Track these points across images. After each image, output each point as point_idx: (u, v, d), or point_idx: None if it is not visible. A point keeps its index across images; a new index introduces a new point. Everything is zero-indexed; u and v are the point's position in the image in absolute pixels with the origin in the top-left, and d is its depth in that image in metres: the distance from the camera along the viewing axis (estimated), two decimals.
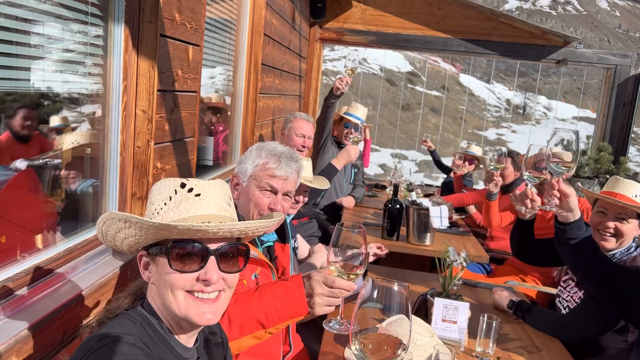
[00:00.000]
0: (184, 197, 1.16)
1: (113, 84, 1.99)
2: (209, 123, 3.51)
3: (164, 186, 1.19)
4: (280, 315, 1.50)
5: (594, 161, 6.17)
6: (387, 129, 25.64)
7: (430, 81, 34.59)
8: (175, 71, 2.26)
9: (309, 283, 1.49)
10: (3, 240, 1.56)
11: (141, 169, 2.10)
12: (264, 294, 1.53)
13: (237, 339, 1.51)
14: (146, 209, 1.23)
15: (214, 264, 1.15)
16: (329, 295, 1.47)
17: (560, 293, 2.63)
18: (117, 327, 1.10)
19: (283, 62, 4.84)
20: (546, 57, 6.37)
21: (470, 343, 2.11)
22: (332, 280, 1.45)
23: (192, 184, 1.18)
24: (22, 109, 1.67)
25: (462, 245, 3.65)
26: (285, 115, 5.12)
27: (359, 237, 1.44)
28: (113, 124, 2.01)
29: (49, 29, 1.65)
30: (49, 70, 1.70)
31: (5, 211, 1.59)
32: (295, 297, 1.48)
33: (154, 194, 1.20)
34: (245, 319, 1.50)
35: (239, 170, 2.04)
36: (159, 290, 1.16)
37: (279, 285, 1.54)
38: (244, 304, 1.51)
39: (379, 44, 6.54)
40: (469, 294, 2.68)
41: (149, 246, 1.17)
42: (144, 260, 1.20)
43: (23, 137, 1.69)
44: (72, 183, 1.89)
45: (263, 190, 1.96)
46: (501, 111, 36.60)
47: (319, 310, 1.48)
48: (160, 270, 1.15)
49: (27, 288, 1.52)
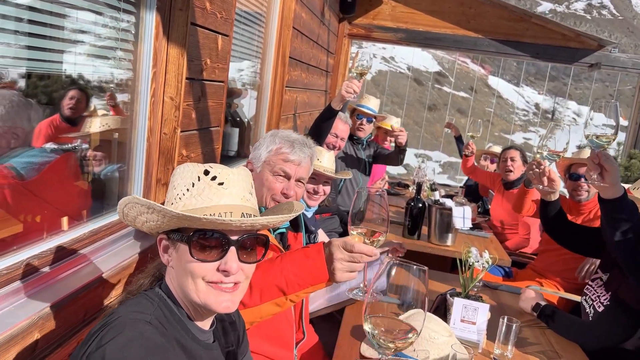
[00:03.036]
0: (207, 185, 1.16)
1: (143, 71, 2.01)
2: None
3: (186, 171, 1.19)
4: (300, 281, 1.48)
5: (624, 168, 6.03)
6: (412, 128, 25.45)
7: (458, 82, 34.22)
8: (204, 60, 2.27)
9: (329, 249, 1.47)
10: (38, 219, 1.59)
11: (167, 156, 2.12)
12: (285, 260, 1.52)
13: (258, 305, 1.50)
14: (167, 193, 1.23)
15: (234, 254, 1.15)
16: (350, 260, 1.44)
17: (587, 292, 2.57)
18: (134, 306, 1.11)
19: (310, 57, 4.83)
20: (579, 60, 6.24)
21: (488, 345, 2.08)
22: (352, 245, 1.43)
23: (216, 172, 1.18)
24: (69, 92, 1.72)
25: (484, 247, 3.60)
26: (311, 110, 5.13)
27: (381, 202, 1.43)
28: (141, 110, 2.04)
29: (82, 14, 1.67)
30: (81, 55, 1.73)
31: (44, 192, 1.63)
32: (316, 263, 1.47)
33: (176, 179, 1.20)
34: (265, 285, 1.49)
35: (253, 157, 2.05)
36: (178, 275, 1.17)
37: (299, 252, 1.53)
38: (264, 271, 1.50)
39: (407, 42, 6.49)
40: (488, 296, 2.65)
41: (170, 231, 1.18)
42: (164, 244, 1.21)
43: (69, 119, 1.74)
44: (100, 166, 1.92)
45: (276, 175, 1.97)
46: (529, 115, 36.03)
47: (339, 276, 1.45)
48: (181, 257, 1.16)
49: (50, 267, 1.55)
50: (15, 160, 1.49)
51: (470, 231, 4.03)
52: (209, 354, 1.21)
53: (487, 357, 2.01)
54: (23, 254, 1.45)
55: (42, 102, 1.63)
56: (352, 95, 3.08)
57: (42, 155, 1.63)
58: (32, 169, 1.57)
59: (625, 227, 2.02)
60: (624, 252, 2.11)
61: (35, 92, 1.59)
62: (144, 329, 1.05)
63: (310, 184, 2.74)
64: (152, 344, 1.02)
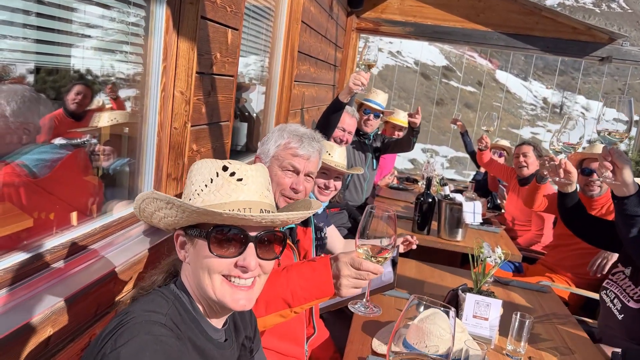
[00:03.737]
0: (226, 181, 1.15)
1: (153, 65, 2.00)
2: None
3: (204, 167, 1.18)
4: (306, 295, 1.50)
5: (635, 163, 5.97)
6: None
7: (466, 76, 34.03)
8: (214, 54, 2.26)
9: (336, 265, 1.48)
10: (52, 217, 1.59)
11: (177, 150, 2.11)
12: (291, 273, 1.53)
13: (263, 317, 1.51)
14: (185, 189, 1.22)
15: (253, 250, 1.14)
16: (356, 277, 1.46)
17: (608, 286, 2.55)
18: (149, 304, 1.10)
19: (319, 51, 4.81)
20: (589, 54, 6.17)
21: (500, 341, 2.07)
22: (360, 263, 1.44)
23: (234, 168, 1.17)
24: (75, 87, 1.71)
25: (495, 243, 3.58)
26: (319, 104, 5.10)
27: (389, 221, 1.43)
28: (151, 104, 2.03)
29: (91, 7, 1.66)
30: (90, 49, 1.72)
31: (55, 188, 1.62)
32: (322, 277, 1.48)
33: (194, 174, 1.19)
34: (271, 297, 1.50)
35: (262, 152, 2.04)
36: (195, 271, 1.16)
37: (306, 265, 1.53)
38: (271, 282, 1.50)
39: (416, 36, 6.44)
40: (500, 292, 2.63)
41: (188, 227, 1.17)
42: (180, 240, 1.20)
43: (74, 114, 1.73)
44: (109, 161, 1.92)
45: (285, 170, 1.97)
46: (537, 109, 35.80)
47: (345, 291, 1.47)
48: (199, 253, 1.15)
49: (63, 262, 1.55)
50: (26, 157, 1.49)
51: (480, 226, 4.00)
52: (222, 353, 1.21)
53: (499, 353, 2.00)
54: (35, 250, 1.45)
55: (51, 97, 1.62)
56: (360, 88, 3.06)
57: (53, 152, 1.63)
58: (44, 166, 1.57)
59: None
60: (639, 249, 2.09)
61: (45, 87, 1.59)
62: (159, 332, 1.04)
63: (322, 179, 2.73)
64: (167, 348, 1.01)
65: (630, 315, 2.34)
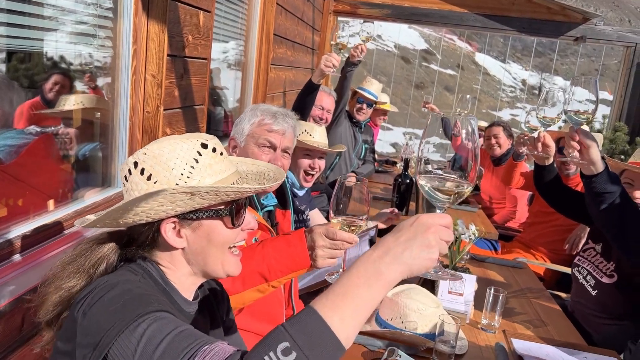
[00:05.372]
0: (212, 158, 1.12)
1: (123, 48, 1.98)
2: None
3: (179, 148, 1.09)
4: (282, 268, 1.50)
5: (609, 141, 6.07)
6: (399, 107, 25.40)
7: (445, 59, 34.11)
8: (185, 36, 2.23)
9: (310, 236, 1.49)
10: (20, 203, 1.57)
11: (150, 135, 2.09)
12: (267, 247, 1.53)
13: (240, 292, 1.51)
14: (157, 174, 1.06)
15: (247, 213, 1.20)
16: (331, 247, 1.47)
17: (580, 262, 2.61)
18: (117, 277, 1.06)
19: (296, 34, 4.78)
20: (564, 33, 6.22)
21: (476, 315, 2.11)
22: (334, 233, 1.45)
23: (213, 143, 1.13)
24: (53, 76, 1.69)
25: (471, 221, 3.63)
26: (297, 88, 5.08)
27: (361, 190, 1.44)
28: (122, 88, 2.01)
29: None
30: (58, 32, 1.69)
31: (22, 174, 1.60)
32: (297, 249, 1.49)
33: (170, 158, 1.08)
34: (247, 272, 1.49)
35: (236, 132, 2.02)
36: (205, 253, 1.13)
37: (281, 239, 1.54)
38: (246, 258, 1.48)
39: (393, 18, 6.43)
40: (476, 269, 2.68)
41: (186, 213, 1.09)
42: (175, 229, 1.11)
43: (51, 103, 1.71)
44: (78, 146, 1.89)
45: (262, 147, 1.96)
46: (516, 91, 36.09)
47: (321, 262, 1.48)
48: (211, 232, 1.12)
49: (35, 248, 1.53)
50: None
51: (458, 205, 4.05)
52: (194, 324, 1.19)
53: (474, 328, 2.04)
54: (4, 237, 1.44)
55: (22, 83, 1.60)
56: (332, 70, 3.09)
57: (19, 137, 1.61)
58: (10, 151, 1.54)
59: (610, 201, 2.03)
60: (610, 226, 2.12)
61: (17, 75, 1.56)
62: (136, 284, 1.03)
63: (306, 160, 2.74)
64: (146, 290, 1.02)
65: (605, 290, 2.40)
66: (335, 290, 0.87)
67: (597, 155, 1.95)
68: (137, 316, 0.92)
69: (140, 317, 0.92)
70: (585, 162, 1.96)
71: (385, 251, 0.90)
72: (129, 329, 0.90)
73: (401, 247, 0.90)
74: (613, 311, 2.37)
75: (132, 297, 0.97)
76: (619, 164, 2.49)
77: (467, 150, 1.09)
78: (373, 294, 0.87)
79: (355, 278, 0.88)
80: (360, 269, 0.88)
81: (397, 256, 0.89)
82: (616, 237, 2.12)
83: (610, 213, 2.05)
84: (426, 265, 0.90)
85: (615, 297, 2.35)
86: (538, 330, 2.09)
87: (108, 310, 0.94)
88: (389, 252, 0.89)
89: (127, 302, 0.95)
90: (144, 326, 0.91)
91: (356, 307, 0.86)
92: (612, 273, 2.39)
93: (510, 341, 1.92)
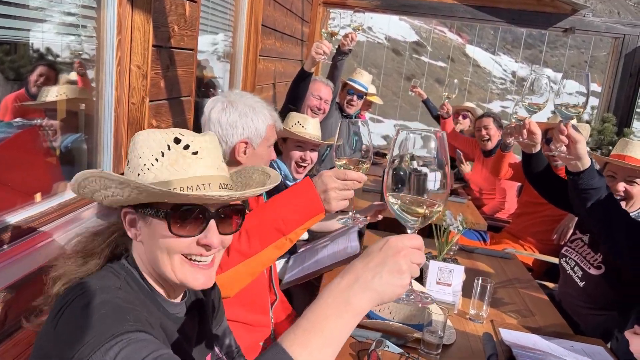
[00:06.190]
0: (180, 155, 1.08)
1: (107, 38, 1.95)
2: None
3: (152, 139, 1.09)
4: (297, 217, 1.52)
5: (597, 132, 6.11)
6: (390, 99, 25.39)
7: (435, 51, 34.11)
8: (171, 27, 2.21)
9: (320, 180, 1.52)
10: (1, 196, 1.55)
11: (136, 126, 2.07)
12: (277, 202, 1.55)
13: (259, 252, 1.51)
14: (130, 161, 1.11)
15: (214, 227, 1.10)
16: (343, 188, 1.51)
17: (567, 253, 2.62)
18: (100, 279, 1.05)
19: (285, 25, 4.75)
20: (554, 25, 6.24)
21: (464, 306, 2.12)
22: (344, 173, 1.50)
23: (188, 140, 1.10)
24: (38, 68, 1.66)
25: (461, 212, 3.64)
26: (286, 80, 5.05)
27: (363, 131, 1.48)
28: (107, 79, 1.98)
29: None
30: (40, 22, 1.66)
31: (4, 168, 1.58)
32: (309, 196, 1.51)
33: (140, 146, 1.10)
34: (263, 230, 1.51)
35: (248, 134, 1.89)
36: (151, 251, 1.10)
37: (289, 191, 1.57)
38: (259, 216, 1.52)
39: (383, 9, 6.41)
40: (465, 260, 2.68)
41: (138, 205, 1.09)
42: (129, 217, 1.12)
43: (35, 96, 1.68)
44: (61, 138, 1.86)
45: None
46: (506, 83, 36.18)
47: (334, 205, 1.52)
48: (155, 232, 1.08)
49: (19, 241, 1.51)
50: None
51: None
52: (181, 328, 1.17)
53: (463, 318, 2.04)
54: None
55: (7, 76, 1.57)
56: (323, 57, 3.07)
57: (3, 131, 1.58)
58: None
59: (596, 197, 2.03)
60: (596, 221, 2.12)
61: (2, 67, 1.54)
62: (115, 293, 1.01)
63: (298, 152, 2.74)
64: (125, 303, 0.99)
65: (592, 282, 2.41)
66: (302, 325, 0.82)
67: (584, 150, 1.95)
68: (111, 336, 0.89)
69: (114, 337, 0.89)
70: (572, 157, 1.95)
71: (354, 279, 0.85)
72: (100, 350, 0.88)
73: (370, 274, 0.85)
74: (600, 302, 2.38)
75: (108, 310, 0.94)
76: (602, 158, 2.51)
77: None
78: (342, 325, 0.82)
79: (324, 309, 0.83)
80: (329, 299, 0.84)
81: (366, 284, 0.84)
82: (602, 233, 2.12)
83: (596, 209, 2.06)
84: (397, 292, 0.86)
85: (602, 288, 2.36)
86: (526, 320, 2.10)
87: (84, 324, 0.92)
88: (358, 279, 0.84)
89: (103, 316, 0.93)
90: (115, 349, 0.88)
91: (325, 340, 0.81)
92: (600, 265, 2.40)
93: (498, 331, 1.92)
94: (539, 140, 2.10)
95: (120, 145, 2.04)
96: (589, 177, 1.99)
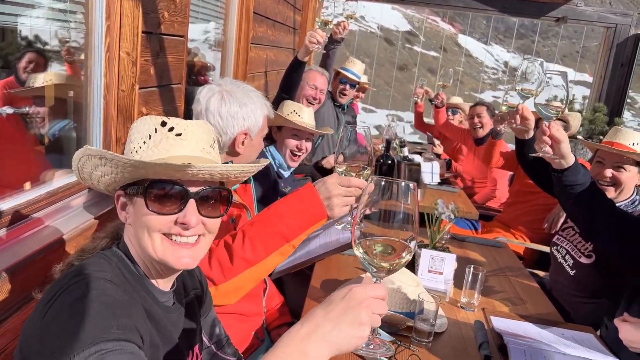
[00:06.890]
0: (164, 136, 1.11)
1: (95, 24, 1.91)
2: None
3: (143, 124, 1.14)
4: (301, 223, 1.53)
5: (588, 122, 6.13)
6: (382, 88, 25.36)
7: (428, 41, 34.08)
8: (161, 13, 2.17)
9: (324, 187, 1.53)
10: None
11: (125, 114, 2.04)
12: (280, 208, 1.55)
13: (264, 259, 1.52)
14: (125, 147, 1.18)
15: (194, 207, 1.10)
16: (346, 194, 1.52)
17: (559, 242, 2.63)
18: (91, 266, 1.06)
19: (276, 12, 4.71)
20: (546, 14, 6.23)
21: (455, 294, 2.12)
22: (348, 180, 1.51)
23: (173, 123, 1.13)
24: (26, 54, 1.63)
25: (452, 201, 3.65)
26: (278, 68, 5.02)
27: (365, 138, 1.49)
28: (96, 66, 1.95)
29: None
30: (27, 7, 1.63)
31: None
32: (312, 203, 1.52)
33: (134, 132, 1.15)
34: (267, 237, 1.52)
35: (249, 125, 1.88)
36: (135, 231, 1.12)
37: (292, 197, 1.57)
38: (262, 223, 1.54)
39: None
40: (456, 249, 2.69)
41: (127, 186, 1.13)
42: (121, 201, 1.16)
43: (24, 83, 1.66)
44: (48, 125, 1.83)
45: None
46: (499, 73, 36.26)
47: (338, 211, 1.53)
48: (137, 211, 1.11)
49: (6, 229, 1.49)
50: None
51: (439, 186, 4.07)
52: (169, 317, 1.18)
53: (454, 306, 2.05)
54: None
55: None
56: (316, 46, 3.06)
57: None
58: None
59: (579, 192, 2.04)
60: (582, 214, 2.13)
61: None
62: (105, 286, 1.01)
63: (294, 141, 2.74)
64: (114, 300, 0.99)
65: (583, 270, 2.43)
66: None
67: (568, 149, 1.96)
68: (91, 342, 0.88)
69: (95, 344, 0.88)
70: (557, 156, 1.96)
71: (313, 329, 0.85)
72: (79, 356, 0.87)
73: (330, 325, 0.85)
74: (590, 290, 2.40)
75: (95, 310, 0.94)
76: (593, 145, 2.52)
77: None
78: None
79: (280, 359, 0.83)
80: (287, 349, 0.84)
81: (324, 335, 0.84)
82: (587, 226, 2.14)
83: (582, 203, 2.07)
84: (356, 343, 0.86)
85: (593, 276, 2.38)
86: (517, 308, 2.11)
87: (67, 324, 0.92)
88: (317, 329, 0.85)
89: (88, 317, 0.93)
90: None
91: None
92: (590, 253, 2.42)
93: (489, 319, 1.93)
94: (531, 126, 2.10)
95: (109, 132, 2.02)
96: (573, 173, 2.01)
